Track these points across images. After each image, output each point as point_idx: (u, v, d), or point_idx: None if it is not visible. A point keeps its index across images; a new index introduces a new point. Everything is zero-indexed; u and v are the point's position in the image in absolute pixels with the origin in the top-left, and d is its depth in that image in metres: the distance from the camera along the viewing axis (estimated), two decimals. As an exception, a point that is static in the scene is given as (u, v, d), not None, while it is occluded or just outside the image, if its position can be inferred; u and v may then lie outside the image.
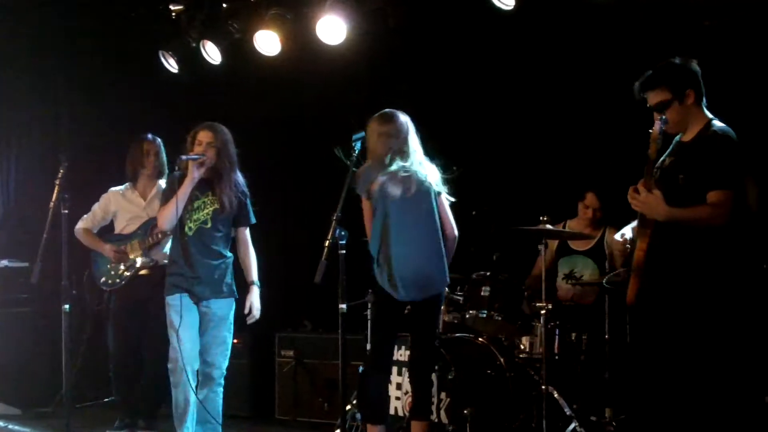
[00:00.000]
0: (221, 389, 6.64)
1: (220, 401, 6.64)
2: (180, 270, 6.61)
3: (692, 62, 5.17)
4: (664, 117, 5.05)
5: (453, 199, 6.34)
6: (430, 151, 6.31)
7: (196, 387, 6.53)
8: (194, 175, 6.51)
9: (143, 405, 8.02)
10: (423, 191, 6.17)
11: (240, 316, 6.74)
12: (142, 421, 8.02)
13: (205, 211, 6.61)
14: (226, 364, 6.65)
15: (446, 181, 6.30)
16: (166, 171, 8.04)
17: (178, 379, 6.49)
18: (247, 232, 6.84)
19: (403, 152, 6.16)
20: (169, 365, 6.54)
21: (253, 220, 6.85)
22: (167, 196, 6.69)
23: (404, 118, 6.26)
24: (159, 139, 8.09)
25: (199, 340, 6.58)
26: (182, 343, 6.44)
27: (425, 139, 6.37)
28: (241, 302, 6.76)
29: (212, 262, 6.60)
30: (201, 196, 6.62)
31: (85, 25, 9.85)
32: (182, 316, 6.48)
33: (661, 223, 5.04)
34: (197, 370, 6.57)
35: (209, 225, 6.60)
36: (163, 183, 8.02)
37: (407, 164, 6.13)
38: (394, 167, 6.10)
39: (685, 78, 5.11)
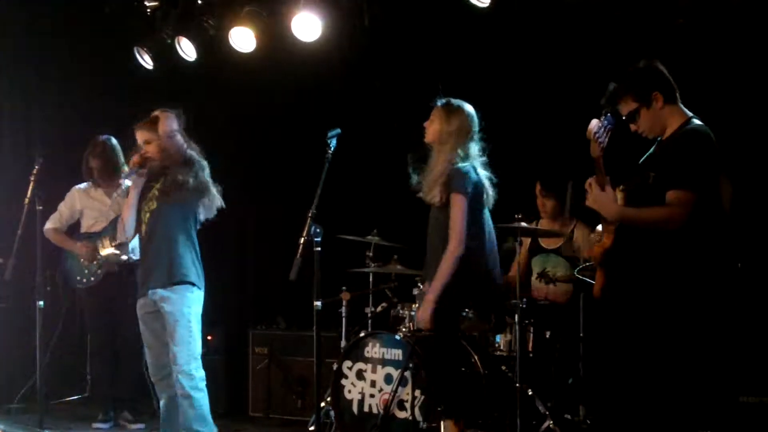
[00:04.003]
0: (198, 394, 6.18)
1: (200, 405, 6.18)
2: (141, 265, 6.51)
3: (655, 63, 5.11)
4: (609, 115, 5.01)
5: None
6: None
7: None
8: (137, 183, 6.43)
9: (125, 398, 8.12)
10: None
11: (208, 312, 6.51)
12: (127, 413, 8.11)
13: (155, 196, 6.36)
14: (192, 366, 6.18)
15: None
16: (125, 169, 8.09)
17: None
18: None
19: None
20: None
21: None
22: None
23: None
24: (108, 146, 8.11)
25: (162, 347, 6.32)
26: (147, 352, 6.45)
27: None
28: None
29: (161, 246, 6.25)
30: (155, 185, 6.41)
31: (58, 20, 9.80)
32: (145, 324, 6.40)
33: None
34: None
35: (155, 205, 6.33)
36: (127, 181, 8.07)
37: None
38: (483, 170, 6.16)
39: (649, 82, 5.05)
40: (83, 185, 8.21)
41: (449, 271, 5.93)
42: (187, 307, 6.25)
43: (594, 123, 4.97)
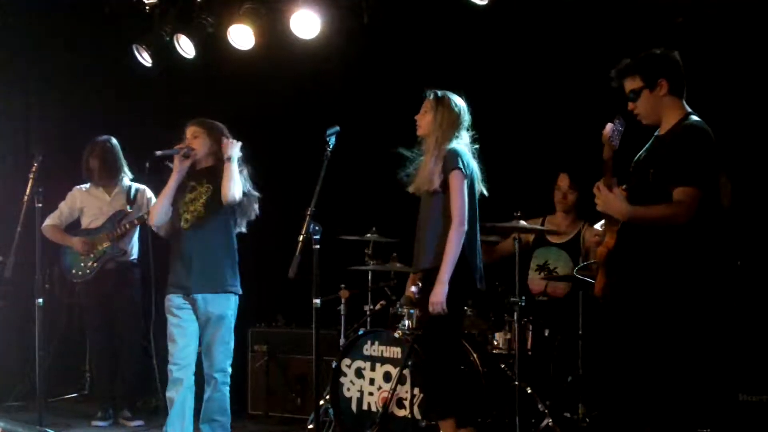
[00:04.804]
0: (226, 388, 6.64)
1: (225, 400, 6.64)
2: (176, 265, 6.61)
3: (672, 53, 5.11)
4: (621, 119, 5.02)
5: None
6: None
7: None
8: (177, 168, 6.58)
9: (124, 396, 8.14)
10: None
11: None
12: (127, 411, 8.12)
13: (200, 201, 6.57)
14: (228, 362, 6.64)
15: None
16: (125, 171, 8.14)
17: (169, 378, 6.58)
18: None
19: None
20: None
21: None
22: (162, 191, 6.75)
23: None
24: (108, 146, 8.16)
25: (194, 340, 6.61)
26: (172, 344, 6.56)
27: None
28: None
29: (207, 253, 6.51)
30: (197, 186, 6.62)
31: (57, 18, 9.79)
32: (175, 316, 6.55)
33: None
34: (205, 371, 6.61)
35: (204, 214, 6.53)
36: (126, 181, 8.13)
37: None
38: (475, 160, 6.14)
39: (660, 67, 5.05)
40: (85, 186, 8.24)
41: (456, 250, 5.84)
42: (230, 309, 6.63)
43: (609, 127, 4.98)
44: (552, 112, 7.92)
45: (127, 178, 8.27)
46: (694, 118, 5.00)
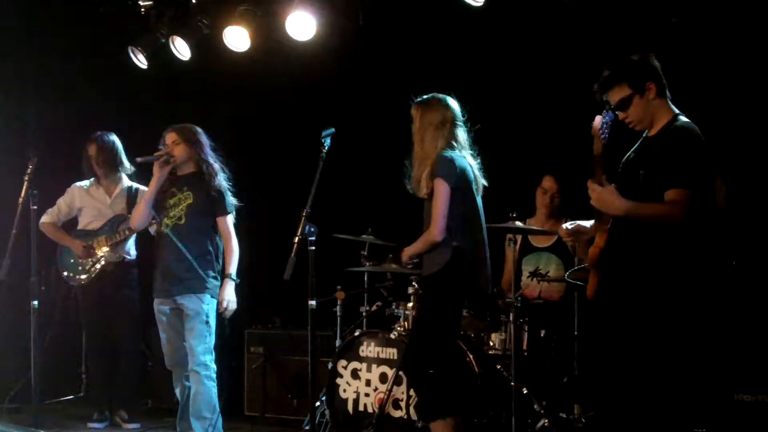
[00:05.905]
0: (211, 383, 6.62)
1: (211, 395, 6.62)
2: (158, 269, 6.73)
3: (651, 57, 5.09)
4: (609, 112, 5.00)
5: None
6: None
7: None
8: (157, 174, 6.68)
9: (120, 398, 8.13)
10: None
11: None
12: (123, 413, 8.12)
13: (180, 207, 6.66)
14: (208, 357, 6.63)
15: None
16: (125, 165, 8.14)
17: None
18: (226, 221, 6.77)
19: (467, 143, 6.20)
20: None
21: (230, 210, 6.77)
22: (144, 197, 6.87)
23: None
24: (107, 137, 8.15)
25: (181, 342, 6.68)
26: (163, 347, 6.77)
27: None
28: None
29: (186, 257, 6.57)
30: (177, 192, 6.71)
31: (53, 20, 9.79)
32: (161, 321, 6.72)
33: (619, 219, 4.99)
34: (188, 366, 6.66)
35: (183, 221, 6.64)
36: (127, 181, 8.12)
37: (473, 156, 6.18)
38: (472, 159, 6.12)
39: (644, 71, 5.02)
40: (85, 183, 8.22)
41: (419, 250, 6.01)
42: (206, 304, 6.65)
43: (598, 120, 4.98)
44: (543, 113, 7.92)
45: (126, 177, 8.25)
46: (683, 119, 4.99)
